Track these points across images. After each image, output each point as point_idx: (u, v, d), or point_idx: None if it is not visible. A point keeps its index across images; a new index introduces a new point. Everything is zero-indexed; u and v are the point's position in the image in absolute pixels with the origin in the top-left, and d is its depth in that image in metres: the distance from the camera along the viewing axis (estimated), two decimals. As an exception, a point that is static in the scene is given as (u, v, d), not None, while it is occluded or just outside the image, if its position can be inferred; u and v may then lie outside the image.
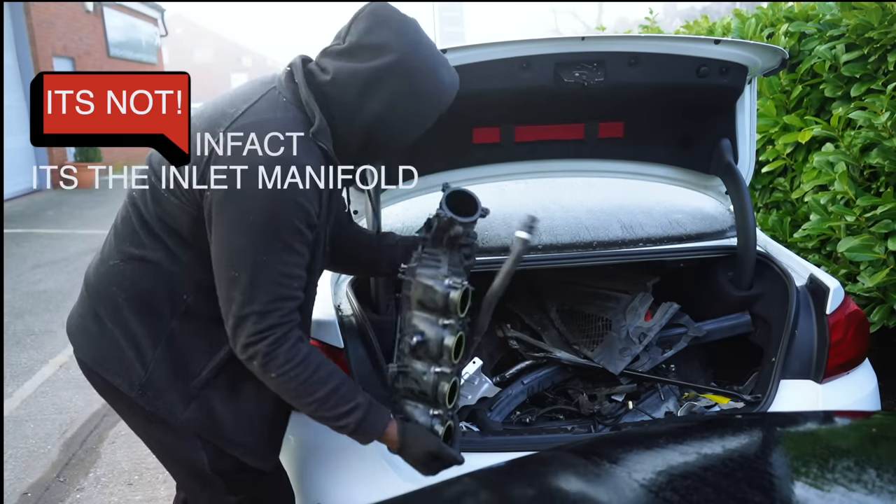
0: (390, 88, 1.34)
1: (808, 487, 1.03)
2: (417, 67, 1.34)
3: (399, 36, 1.34)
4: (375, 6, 1.36)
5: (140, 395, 1.44)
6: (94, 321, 1.48)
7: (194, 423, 1.45)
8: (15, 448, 3.21)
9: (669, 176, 2.41)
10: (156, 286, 1.41)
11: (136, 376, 1.43)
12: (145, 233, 1.41)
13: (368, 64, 1.33)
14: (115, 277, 1.44)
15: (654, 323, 2.15)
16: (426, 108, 1.38)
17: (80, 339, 1.52)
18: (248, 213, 1.27)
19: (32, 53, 10.78)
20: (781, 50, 1.91)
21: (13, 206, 9.65)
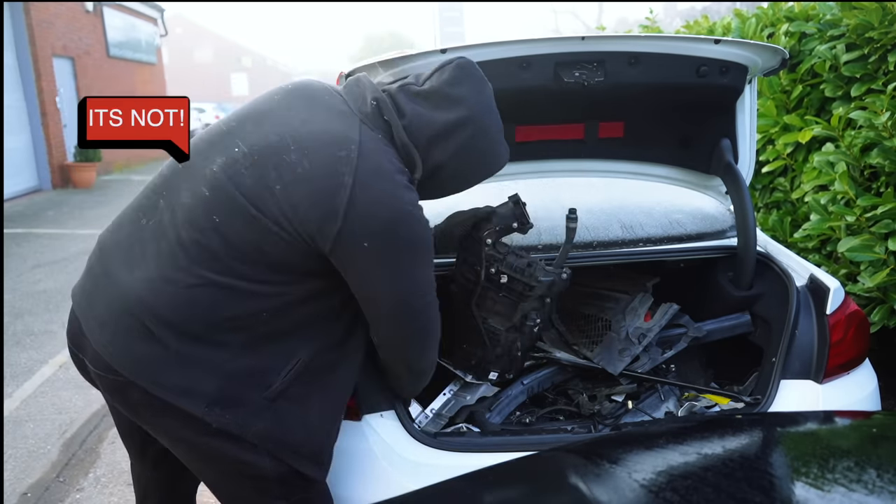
0: (458, 141, 1.44)
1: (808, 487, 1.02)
2: (487, 128, 1.47)
3: (478, 94, 1.45)
4: (465, 62, 1.47)
5: (207, 412, 1.37)
6: (148, 341, 1.37)
7: (264, 434, 1.41)
8: (15, 448, 3.20)
9: (669, 176, 2.41)
10: (234, 310, 1.37)
11: (204, 395, 1.37)
12: (232, 259, 1.35)
13: (444, 115, 1.43)
14: (190, 301, 1.36)
15: (653, 323, 2.14)
16: (483, 167, 1.51)
17: (126, 359, 1.39)
18: (404, 259, 1.39)
19: (32, 53, 10.78)
20: (781, 49, 1.91)
21: (13, 206, 9.65)
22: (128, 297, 1.39)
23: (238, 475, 1.49)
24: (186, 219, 1.38)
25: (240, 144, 1.39)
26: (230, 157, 1.38)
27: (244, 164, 1.36)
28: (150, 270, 1.38)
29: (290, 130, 1.37)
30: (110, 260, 1.46)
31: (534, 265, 1.83)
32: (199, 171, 1.41)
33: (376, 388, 1.74)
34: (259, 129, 1.40)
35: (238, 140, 1.40)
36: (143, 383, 1.38)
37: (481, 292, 1.87)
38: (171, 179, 1.46)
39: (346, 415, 1.72)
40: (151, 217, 1.44)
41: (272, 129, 1.38)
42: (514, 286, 1.84)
